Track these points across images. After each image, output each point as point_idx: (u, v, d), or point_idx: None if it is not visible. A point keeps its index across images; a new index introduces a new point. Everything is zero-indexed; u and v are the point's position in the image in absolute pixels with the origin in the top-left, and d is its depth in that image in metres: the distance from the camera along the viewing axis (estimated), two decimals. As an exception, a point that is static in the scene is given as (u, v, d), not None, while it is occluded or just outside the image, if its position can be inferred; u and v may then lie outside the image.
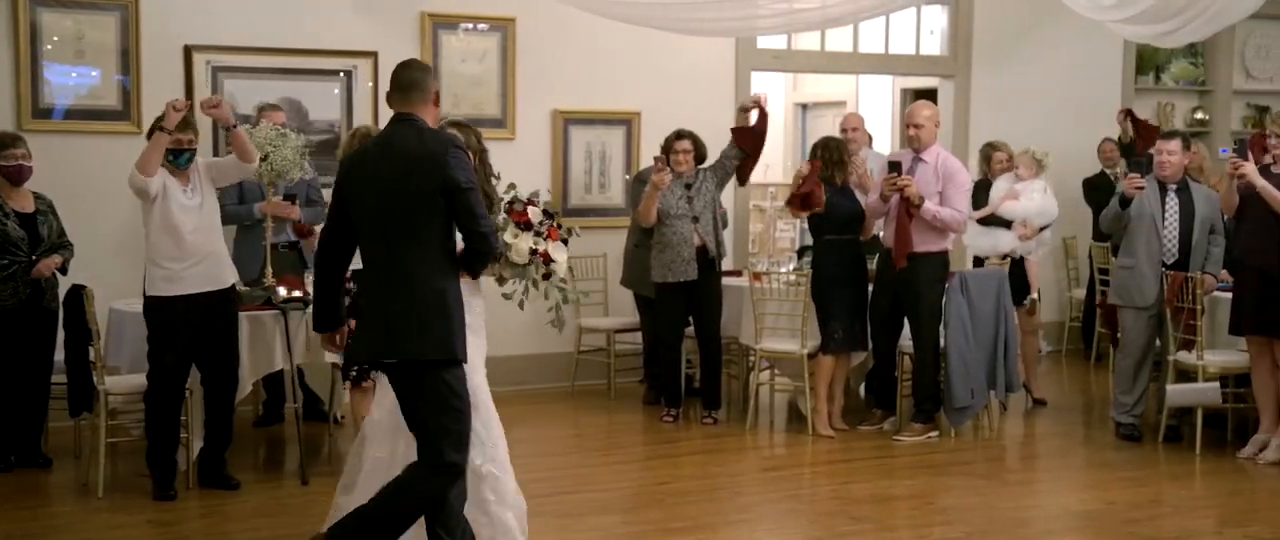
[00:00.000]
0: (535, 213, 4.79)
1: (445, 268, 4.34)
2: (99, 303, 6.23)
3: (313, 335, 6.44)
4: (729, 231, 8.54)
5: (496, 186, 4.85)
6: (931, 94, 9.90)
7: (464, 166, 4.28)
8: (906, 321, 7.37)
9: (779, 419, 8.08)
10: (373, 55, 8.23)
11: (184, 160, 5.99)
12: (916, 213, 7.11)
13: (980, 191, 8.48)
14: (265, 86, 7.91)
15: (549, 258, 4.72)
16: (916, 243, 7.14)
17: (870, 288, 7.48)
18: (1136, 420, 7.38)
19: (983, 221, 8.29)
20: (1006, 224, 8.23)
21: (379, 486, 4.46)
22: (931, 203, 7.14)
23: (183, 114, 5.94)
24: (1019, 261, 8.26)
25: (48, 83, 7.54)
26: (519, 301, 4.90)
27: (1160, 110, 10.93)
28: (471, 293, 4.62)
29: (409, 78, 4.42)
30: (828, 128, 11.70)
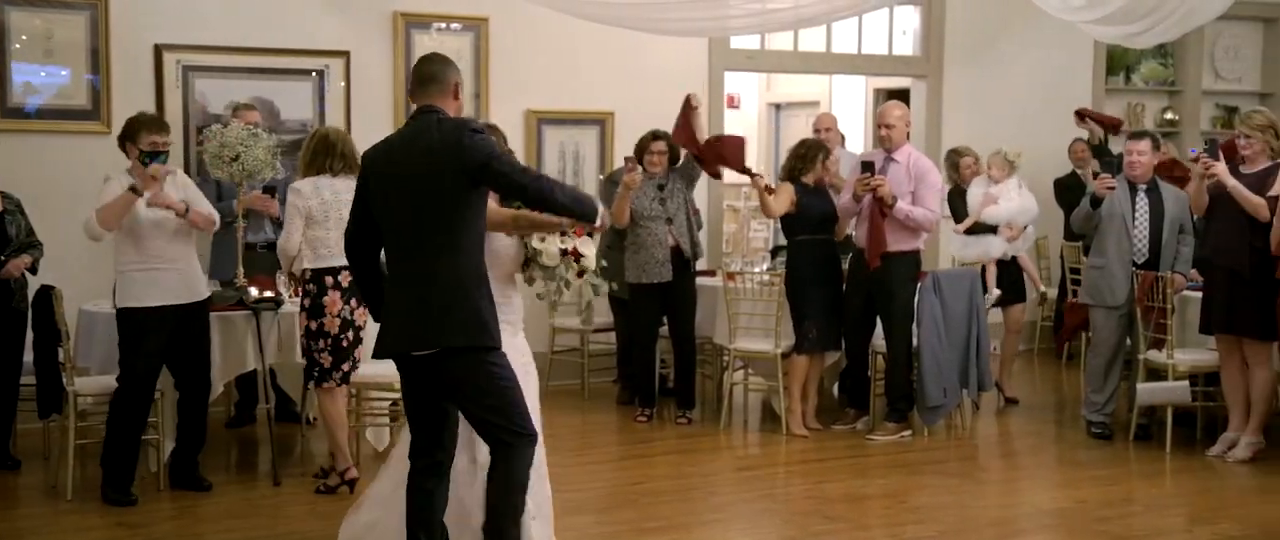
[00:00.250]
0: None
1: (475, 256, 4.30)
2: (68, 303, 6.17)
3: (284, 336, 6.42)
4: (703, 232, 8.54)
5: None
6: (904, 94, 9.93)
7: (484, 142, 4.24)
8: (879, 321, 7.40)
9: (753, 419, 8.09)
10: (345, 55, 8.20)
11: (161, 160, 5.86)
12: (889, 212, 7.13)
13: (955, 200, 8.51)
14: (236, 86, 7.87)
15: (578, 254, 4.71)
16: (889, 242, 7.17)
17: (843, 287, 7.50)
18: (1107, 419, 7.42)
19: (969, 230, 8.33)
20: (991, 229, 8.28)
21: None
22: (904, 202, 7.16)
23: (160, 182, 5.77)
24: (1011, 262, 8.30)
25: (15, 82, 7.47)
26: (551, 301, 4.86)
27: (1130, 110, 10.99)
28: (508, 289, 4.64)
29: (428, 71, 4.41)
30: (801, 128, 11.73)
